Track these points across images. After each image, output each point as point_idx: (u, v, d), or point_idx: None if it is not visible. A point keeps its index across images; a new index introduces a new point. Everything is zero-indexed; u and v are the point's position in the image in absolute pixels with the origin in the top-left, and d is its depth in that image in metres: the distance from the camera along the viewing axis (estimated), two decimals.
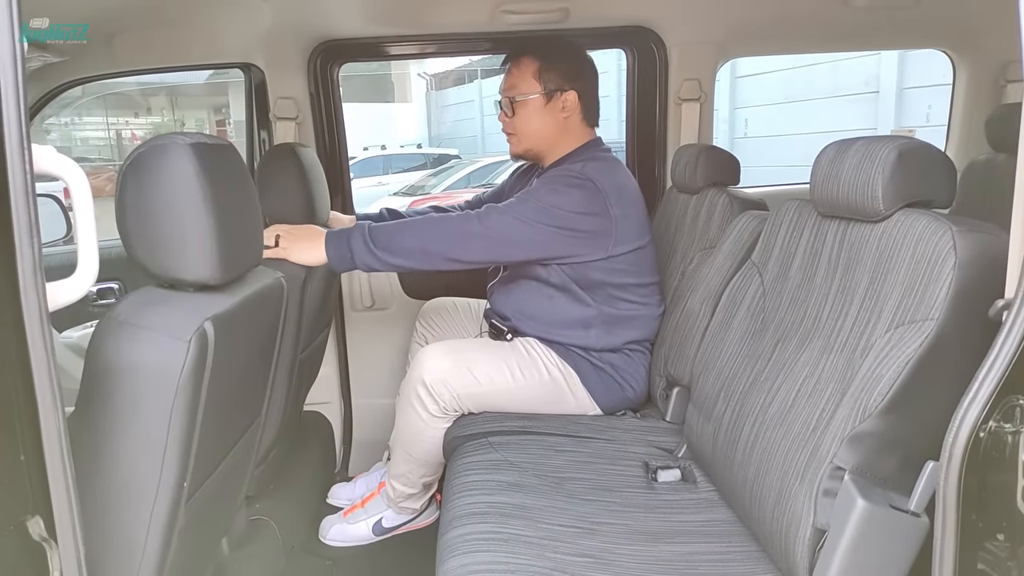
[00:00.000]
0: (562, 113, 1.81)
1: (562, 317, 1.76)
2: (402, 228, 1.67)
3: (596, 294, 1.75)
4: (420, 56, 2.51)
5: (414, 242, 1.64)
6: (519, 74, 1.82)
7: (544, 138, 1.84)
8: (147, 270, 0.99)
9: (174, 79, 14.56)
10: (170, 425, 0.90)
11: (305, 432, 2.15)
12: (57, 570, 0.77)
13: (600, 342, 1.77)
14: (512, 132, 1.87)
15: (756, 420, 1.22)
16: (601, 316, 1.76)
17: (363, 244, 1.62)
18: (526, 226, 1.65)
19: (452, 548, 1.15)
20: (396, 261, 1.64)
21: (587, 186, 1.67)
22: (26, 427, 0.74)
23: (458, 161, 12.15)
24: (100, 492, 0.88)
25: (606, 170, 1.74)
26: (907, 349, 0.95)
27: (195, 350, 0.91)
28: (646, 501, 1.36)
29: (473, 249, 1.66)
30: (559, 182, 1.70)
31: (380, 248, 1.62)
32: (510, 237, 1.66)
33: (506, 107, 1.85)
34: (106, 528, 0.89)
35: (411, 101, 19.68)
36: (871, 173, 1.08)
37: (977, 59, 2.42)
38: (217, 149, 1.05)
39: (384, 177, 11.77)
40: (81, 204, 0.81)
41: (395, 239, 1.64)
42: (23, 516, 0.75)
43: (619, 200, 1.70)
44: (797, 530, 1.03)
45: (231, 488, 1.30)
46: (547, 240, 1.67)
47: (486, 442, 1.54)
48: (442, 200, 8.68)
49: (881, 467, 0.99)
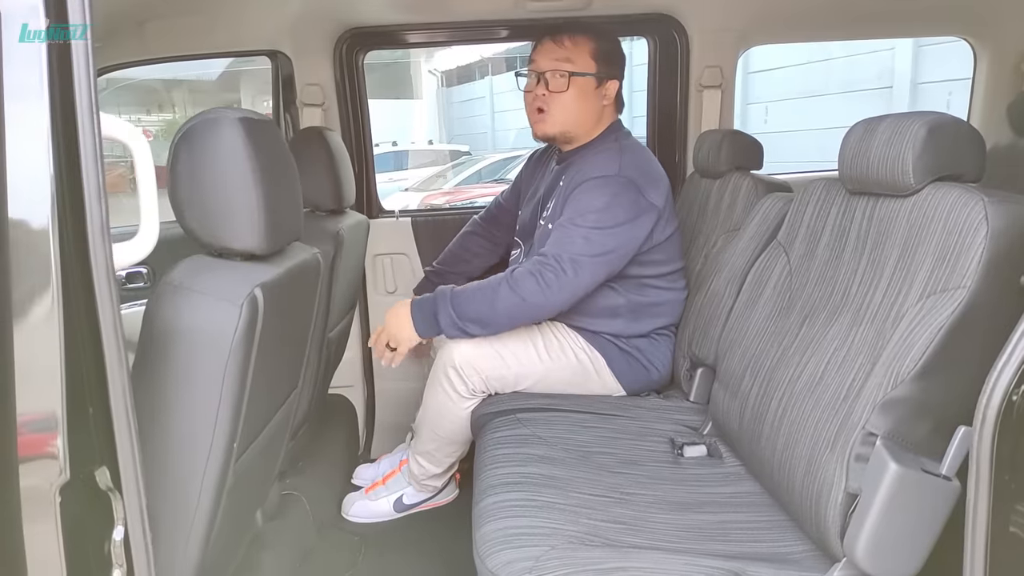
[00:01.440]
0: (603, 100, 1.80)
1: (590, 307, 1.76)
2: (486, 303, 1.62)
3: (626, 283, 1.76)
4: (443, 44, 2.55)
5: (504, 319, 1.64)
6: (576, 50, 1.75)
7: (582, 122, 1.80)
8: (198, 239, 1.02)
9: (186, 74, 14.63)
10: (223, 385, 0.94)
11: (330, 414, 2.19)
12: (121, 519, 0.81)
13: (628, 330, 1.79)
14: (544, 109, 1.78)
15: (784, 394, 1.24)
16: (629, 305, 1.77)
17: (449, 321, 1.63)
18: (594, 250, 1.63)
19: (489, 514, 1.18)
20: (485, 332, 1.65)
21: (630, 188, 1.67)
22: (94, 381, 0.77)
23: (469, 157, 12.17)
24: (158, 448, 0.92)
25: (638, 163, 1.74)
26: (939, 316, 0.97)
27: (247, 314, 0.94)
28: (673, 475, 1.39)
29: (558, 303, 1.64)
30: (604, 191, 1.66)
31: (470, 323, 1.62)
32: (593, 282, 1.65)
33: (553, 80, 1.75)
34: (163, 483, 0.92)
35: (421, 97, 19.70)
36: (901, 148, 1.10)
37: (997, 45, 2.42)
38: (262, 124, 1.08)
39: (396, 173, 11.81)
40: (143, 170, 0.85)
41: (483, 316, 1.62)
42: (92, 466, 0.79)
43: (656, 191, 1.71)
44: (828, 496, 1.05)
45: (270, 457, 1.33)
46: (616, 250, 1.66)
47: (514, 418, 1.57)
48: (454, 196, 8.71)
49: (913, 432, 1.01)
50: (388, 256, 2.39)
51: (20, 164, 0.73)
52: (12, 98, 0.73)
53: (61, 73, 0.74)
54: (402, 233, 2.39)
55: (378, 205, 2.44)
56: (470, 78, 18.43)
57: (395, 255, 2.39)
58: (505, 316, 1.63)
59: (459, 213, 2.80)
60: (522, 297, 1.61)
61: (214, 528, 1.02)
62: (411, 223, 2.40)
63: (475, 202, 7.41)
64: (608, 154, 1.75)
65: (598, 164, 1.73)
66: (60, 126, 0.74)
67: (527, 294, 1.61)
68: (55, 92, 0.74)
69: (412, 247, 2.39)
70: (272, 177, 1.06)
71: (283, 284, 1.09)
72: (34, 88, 0.73)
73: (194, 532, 0.98)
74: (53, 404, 0.74)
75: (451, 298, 1.64)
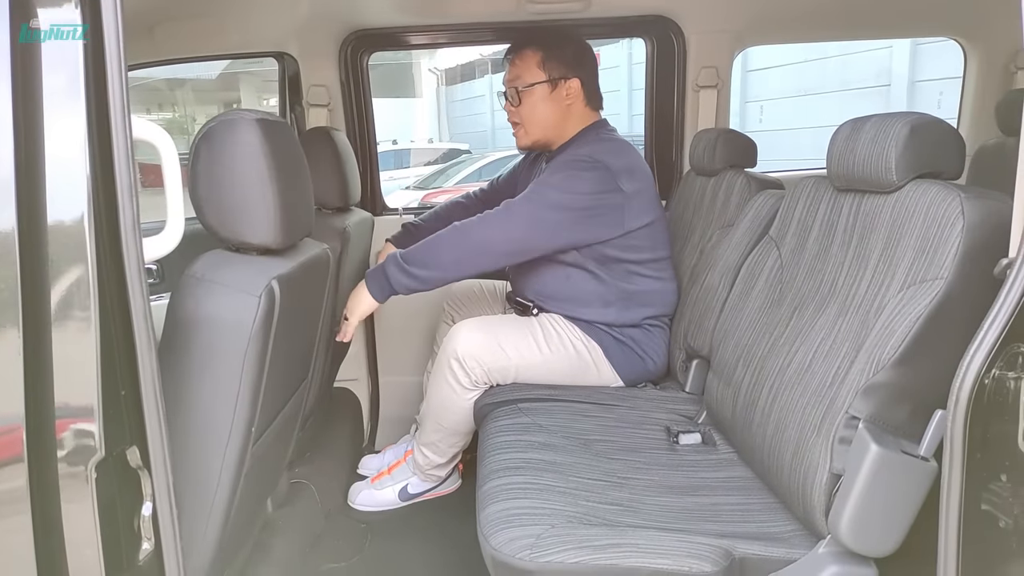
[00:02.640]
0: (566, 100, 1.89)
1: (580, 295, 1.84)
2: (430, 246, 1.74)
3: (612, 270, 1.83)
4: (446, 45, 2.61)
5: (446, 255, 1.72)
6: (523, 64, 1.90)
7: (551, 125, 1.91)
8: (216, 234, 1.08)
9: (185, 74, 14.66)
10: (243, 372, 0.99)
11: (336, 407, 2.25)
12: (150, 495, 0.87)
13: (620, 318, 1.85)
14: (519, 122, 1.93)
15: (774, 382, 1.30)
16: (618, 292, 1.84)
17: (398, 270, 1.71)
18: (545, 216, 1.73)
19: (492, 496, 1.23)
20: (432, 275, 1.72)
21: (598, 167, 1.75)
22: (125, 365, 0.83)
23: (469, 156, 12.22)
24: (181, 431, 0.97)
25: (614, 151, 1.82)
26: (918, 306, 1.03)
27: (265, 305, 1.00)
28: (669, 460, 1.45)
29: (500, 250, 1.75)
30: (570, 167, 1.77)
31: (416, 267, 1.71)
32: (532, 231, 1.74)
33: (512, 97, 1.92)
34: (187, 463, 0.98)
35: (421, 96, 19.74)
36: (885, 147, 1.16)
37: (988, 46, 2.48)
38: (277, 125, 1.14)
39: (396, 172, 11.85)
40: (169, 168, 0.90)
41: (427, 257, 1.72)
42: (123, 445, 0.84)
43: (630, 178, 1.78)
44: (814, 477, 1.11)
45: (282, 444, 1.39)
46: (568, 225, 1.74)
47: (516, 408, 1.63)
48: (454, 194, 8.76)
49: (893, 416, 1.06)
50: None
51: (59, 164, 0.79)
52: (51, 98, 0.79)
53: (96, 74, 0.79)
54: None
55: (382, 203, 2.50)
56: (470, 76, 18.46)
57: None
58: (448, 252, 1.72)
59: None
60: (461, 232, 1.73)
61: (232, 508, 1.08)
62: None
63: None
64: (587, 146, 1.84)
65: (575, 152, 1.83)
66: (95, 126, 0.79)
67: (464, 227, 1.73)
68: (91, 92, 0.79)
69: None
70: (286, 175, 1.12)
71: (297, 277, 1.15)
72: (73, 88, 0.78)
73: (214, 511, 1.04)
74: (90, 387, 0.79)
75: (399, 255, 1.74)
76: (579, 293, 1.84)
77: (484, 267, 1.77)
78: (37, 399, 0.78)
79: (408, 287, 1.73)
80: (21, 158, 0.77)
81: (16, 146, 0.77)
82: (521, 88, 1.90)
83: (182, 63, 2.35)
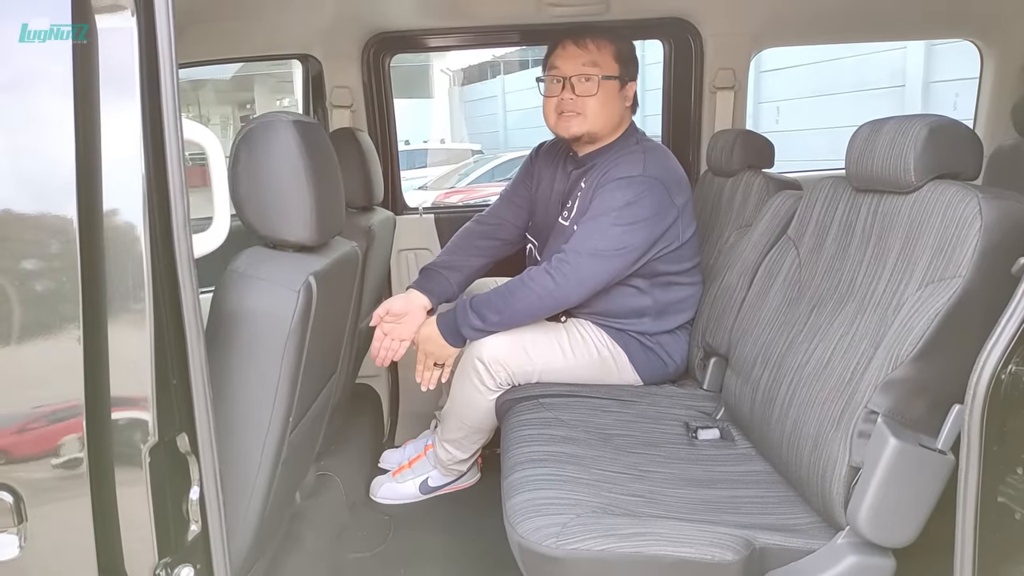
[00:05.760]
0: (625, 102, 1.88)
1: (616, 308, 1.83)
2: (507, 302, 1.72)
3: (655, 282, 1.83)
4: (466, 47, 2.65)
5: (522, 316, 1.74)
6: (600, 53, 1.81)
7: (609, 122, 1.85)
8: (256, 231, 1.12)
9: (200, 74, 14.80)
10: (282, 363, 1.04)
11: (358, 402, 2.29)
12: (197, 480, 0.91)
13: (653, 328, 1.86)
14: (579, 111, 1.81)
15: (793, 379, 1.33)
16: (656, 303, 1.84)
17: (473, 330, 1.74)
18: (614, 266, 1.71)
19: (517, 487, 1.27)
20: (505, 327, 1.74)
21: (654, 187, 1.74)
22: (175, 355, 0.87)
23: (481, 156, 12.27)
24: (225, 419, 1.01)
25: (662, 163, 1.81)
26: (936, 303, 1.06)
27: (303, 299, 1.04)
28: (688, 455, 1.48)
29: (574, 296, 1.72)
30: (627, 190, 1.73)
31: (491, 325, 1.73)
32: (604, 279, 1.72)
33: (580, 84, 1.80)
34: (231, 450, 1.02)
35: (433, 97, 19.79)
36: (904, 148, 1.19)
37: (1004, 48, 2.49)
38: (312, 127, 1.18)
39: (409, 172, 11.90)
40: (216, 168, 0.94)
41: (504, 314, 1.72)
42: (174, 432, 0.89)
43: (678, 190, 1.79)
44: (833, 470, 1.14)
45: (313, 435, 1.44)
46: (636, 259, 1.74)
47: (537, 403, 1.67)
48: (467, 194, 8.79)
49: (911, 411, 1.09)
50: (412, 251, 2.49)
51: (115, 163, 0.83)
52: (107, 99, 0.82)
53: (150, 75, 0.83)
54: (425, 229, 2.49)
55: (403, 202, 2.55)
56: (482, 77, 18.50)
57: (419, 250, 2.49)
58: (524, 313, 1.73)
59: (480, 210, 2.88)
60: (538, 294, 1.70)
61: (270, 495, 1.12)
62: (434, 219, 2.50)
63: (488, 200, 7.47)
64: (632, 155, 1.81)
65: (623, 165, 1.79)
66: (149, 126, 0.83)
67: (542, 291, 1.70)
68: (144, 93, 0.83)
69: (435, 243, 2.48)
70: (321, 175, 1.16)
71: (331, 274, 1.19)
72: (127, 89, 0.82)
73: (254, 497, 1.09)
74: (144, 376, 0.83)
75: (470, 305, 1.74)
76: (614, 305, 1.83)
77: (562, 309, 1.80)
78: (95, 387, 0.83)
79: (477, 338, 1.75)
80: (81, 157, 0.81)
81: (76, 146, 0.81)
82: (601, 77, 1.80)
83: (209, 65, 2.41)
